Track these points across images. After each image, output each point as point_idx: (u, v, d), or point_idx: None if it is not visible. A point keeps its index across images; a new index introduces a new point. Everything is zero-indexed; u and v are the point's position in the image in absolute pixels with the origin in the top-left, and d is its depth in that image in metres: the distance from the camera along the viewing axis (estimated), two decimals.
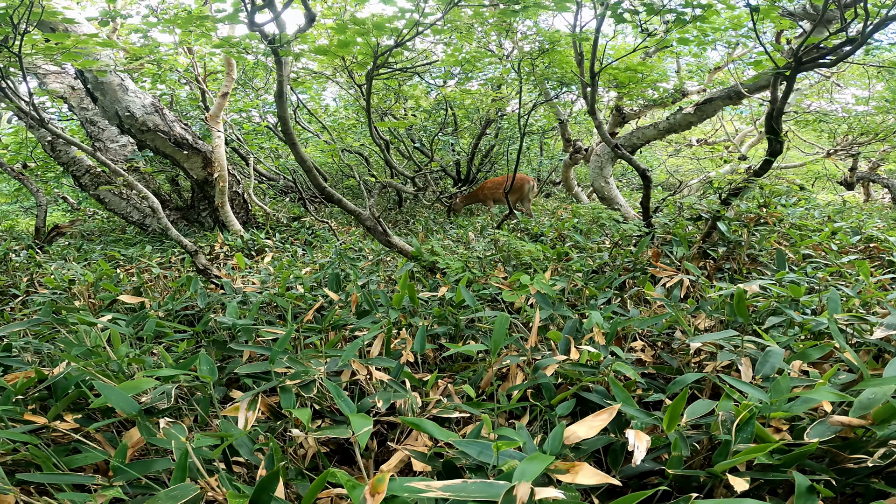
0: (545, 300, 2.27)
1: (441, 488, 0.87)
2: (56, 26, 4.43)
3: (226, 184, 5.80)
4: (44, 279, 3.57)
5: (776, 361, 1.55)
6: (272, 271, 3.86)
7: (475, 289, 3.05)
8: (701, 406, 1.28)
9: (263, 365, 1.67)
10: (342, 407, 1.35)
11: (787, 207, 5.44)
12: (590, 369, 1.65)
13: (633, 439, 1.20)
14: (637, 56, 4.08)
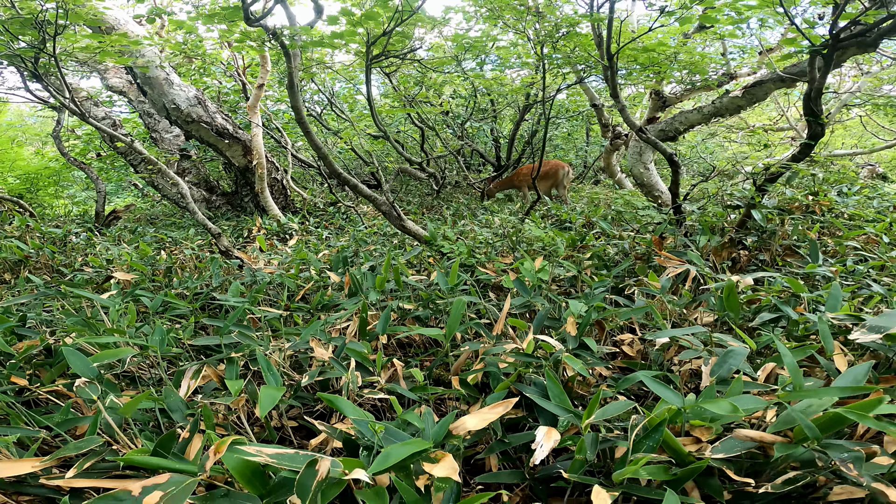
0: (523, 287, 2.24)
1: (270, 455, 0.91)
2: (102, 25, 4.79)
3: (264, 171, 6.07)
4: (89, 258, 3.91)
5: (735, 363, 1.45)
6: (290, 254, 4.03)
7: (477, 274, 3.04)
8: (614, 407, 1.22)
9: (215, 339, 1.77)
10: (268, 379, 1.42)
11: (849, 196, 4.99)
12: (534, 359, 1.62)
13: (539, 437, 1.18)
14: (655, 36, 3.84)
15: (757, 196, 3.71)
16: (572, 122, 9.14)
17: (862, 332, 1.33)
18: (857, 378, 1.17)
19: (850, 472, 0.91)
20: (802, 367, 1.79)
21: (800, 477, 0.97)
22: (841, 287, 2.45)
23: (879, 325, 1.31)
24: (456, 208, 7.12)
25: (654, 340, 1.86)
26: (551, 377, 1.43)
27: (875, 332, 1.30)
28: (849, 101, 6.12)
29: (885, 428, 0.94)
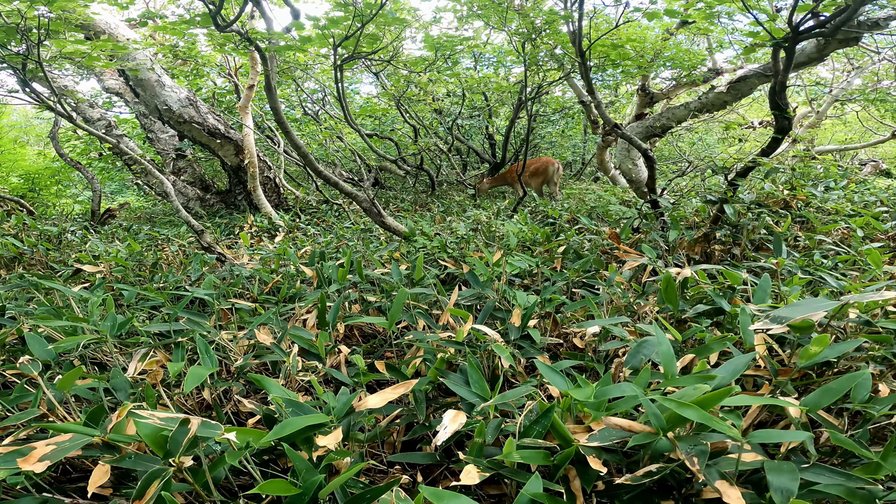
0: (475, 279, 2.31)
1: (161, 419, 1.00)
2: (94, 29, 4.92)
3: (256, 169, 6.18)
4: (79, 255, 4.04)
5: (647, 353, 1.50)
6: (271, 249, 4.12)
7: (447, 269, 3.11)
8: (512, 393, 1.29)
9: (166, 325, 1.86)
10: (204, 361, 1.51)
11: (835, 190, 5.00)
12: (463, 347, 1.69)
13: (446, 420, 1.25)
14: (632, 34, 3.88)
15: (728, 190, 3.75)
16: (567, 119, 9.17)
17: (763, 323, 1.37)
18: (737, 369, 1.21)
19: (693, 465, 0.94)
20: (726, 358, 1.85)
21: (661, 469, 1.01)
22: (800, 280, 2.49)
23: (782, 316, 1.35)
24: (447, 206, 7.20)
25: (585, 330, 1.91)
26: (472, 364, 1.49)
27: (777, 323, 1.34)
28: (839, 96, 6.10)
29: (709, 421, 0.95)
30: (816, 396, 1.07)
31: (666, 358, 1.24)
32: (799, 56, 4.80)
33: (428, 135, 7.37)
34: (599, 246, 3.43)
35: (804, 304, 1.43)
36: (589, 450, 1.06)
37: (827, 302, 1.41)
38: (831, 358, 1.23)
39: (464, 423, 1.25)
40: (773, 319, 1.35)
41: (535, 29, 3.88)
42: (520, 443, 1.12)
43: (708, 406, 0.99)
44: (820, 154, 6.12)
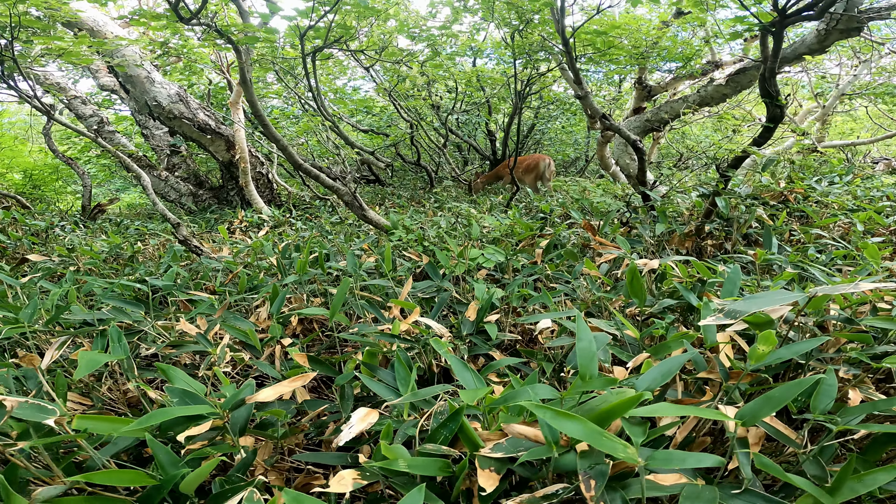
0: (434, 272, 2.19)
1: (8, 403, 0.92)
2: (82, 26, 4.89)
3: (247, 165, 6.12)
4: (55, 248, 4.00)
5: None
6: (249, 243, 4.05)
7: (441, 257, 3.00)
8: (426, 391, 1.17)
9: (90, 314, 1.77)
10: (114, 349, 1.42)
11: (840, 185, 4.81)
12: (401, 340, 1.57)
13: (354, 418, 1.14)
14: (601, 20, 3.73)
15: (720, 183, 3.60)
16: (567, 115, 9.01)
17: (716, 318, 1.23)
18: (669, 371, 1.08)
19: (589, 490, 0.81)
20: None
21: (566, 490, 0.89)
22: (788, 275, 2.34)
23: (737, 310, 1.21)
24: (442, 202, 7.08)
25: (535, 324, 1.79)
26: (399, 360, 1.38)
27: (730, 317, 1.20)
28: (846, 90, 5.87)
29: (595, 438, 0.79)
30: (756, 406, 0.93)
31: (584, 357, 1.11)
32: (799, 47, 4.61)
33: (418, 129, 7.26)
34: (583, 240, 3.30)
35: (766, 296, 1.29)
36: (489, 461, 0.93)
37: (791, 294, 1.27)
38: (786, 358, 1.09)
39: (374, 422, 1.14)
40: (727, 314, 1.21)
41: (521, 18, 3.76)
42: (422, 448, 1.00)
43: (612, 417, 0.86)
44: (826, 149, 5.89)
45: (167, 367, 1.30)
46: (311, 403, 1.61)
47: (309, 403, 1.61)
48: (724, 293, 1.64)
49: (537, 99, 7.66)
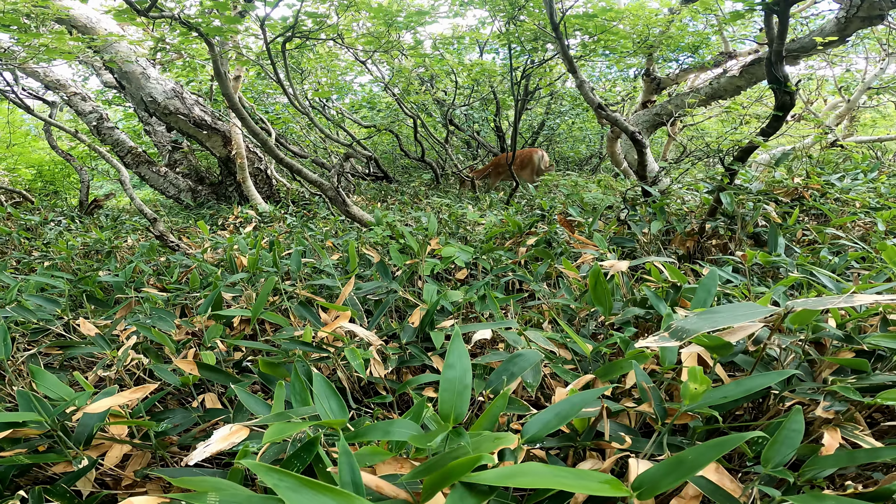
0: (384, 272, 1.99)
1: None
2: (75, 23, 4.84)
3: (244, 160, 6.02)
4: (36, 243, 3.93)
5: (518, 370, 1.15)
6: (226, 238, 3.91)
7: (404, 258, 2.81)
8: (302, 409, 0.97)
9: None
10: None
11: (864, 182, 4.45)
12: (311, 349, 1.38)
13: (216, 435, 0.96)
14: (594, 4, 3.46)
15: (725, 178, 3.31)
16: (577, 110, 8.69)
17: (660, 338, 0.99)
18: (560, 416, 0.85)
19: None
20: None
21: None
22: (789, 279, 2.07)
23: (686, 328, 0.97)
24: (444, 198, 6.87)
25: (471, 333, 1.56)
26: (296, 372, 1.18)
27: (675, 338, 0.96)
28: (871, 84, 5.45)
29: None
30: (658, 473, 0.70)
31: (448, 392, 0.88)
32: (818, 36, 4.26)
33: (421, 124, 7.05)
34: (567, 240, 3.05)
35: (727, 310, 1.04)
36: None
37: (758, 309, 1.02)
38: (737, 397, 0.85)
39: (239, 441, 0.95)
40: (672, 333, 0.97)
41: (513, 5, 3.52)
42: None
43: (443, 483, 0.64)
44: (852, 144, 5.48)
45: (34, 367, 1.15)
46: (214, 412, 1.44)
47: (212, 412, 1.45)
48: (696, 302, 1.40)
49: (546, 91, 7.38)
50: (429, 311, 1.71)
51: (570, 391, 1.09)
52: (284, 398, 1.20)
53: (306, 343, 1.39)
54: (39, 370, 1.20)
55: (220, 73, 3.42)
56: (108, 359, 1.54)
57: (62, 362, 1.89)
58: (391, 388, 1.58)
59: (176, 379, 1.42)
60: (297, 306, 1.73)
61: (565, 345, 1.49)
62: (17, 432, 1.11)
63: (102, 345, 1.50)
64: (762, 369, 1.42)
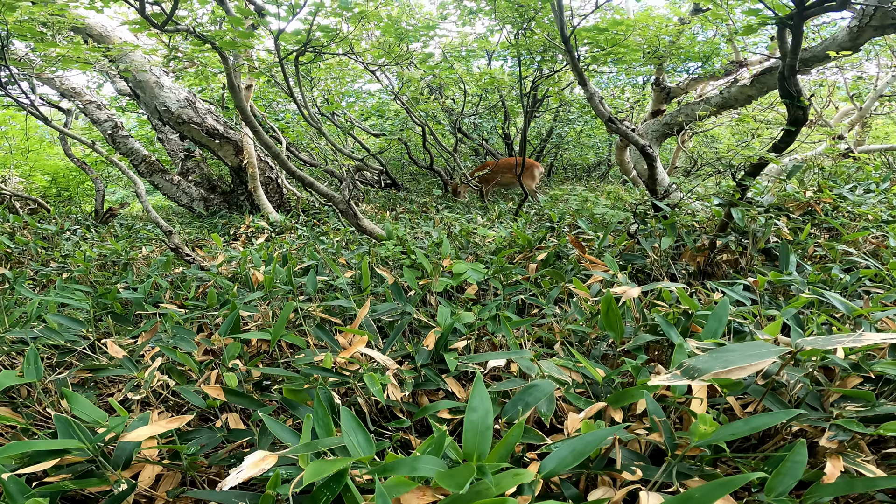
0: (399, 293, 2.03)
1: None
2: (91, 32, 4.94)
3: (255, 170, 6.10)
4: (54, 254, 4.01)
5: (532, 400, 1.19)
6: (240, 251, 3.96)
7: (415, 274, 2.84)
8: (327, 441, 1.01)
9: (25, 332, 1.68)
10: (27, 372, 1.33)
11: (876, 193, 4.44)
12: (329, 374, 1.42)
13: (246, 462, 1.00)
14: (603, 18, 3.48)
15: (736, 192, 3.31)
16: (586, 118, 8.70)
17: (671, 375, 1.01)
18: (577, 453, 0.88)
19: None
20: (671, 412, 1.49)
21: None
22: (800, 301, 2.09)
23: (697, 368, 0.99)
24: (453, 208, 6.91)
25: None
26: (318, 399, 1.22)
27: (687, 377, 0.99)
28: (884, 91, 5.42)
29: None
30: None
31: (472, 432, 0.92)
32: (830, 45, 4.26)
33: (430, 132, 7.10)
34: (577, 256, 3.07)
35: (739, 349, 1.07)
36: None
37: (767, 349, 1.04)
38: (743, 434, 0.88)
39: (269, 467, 0.99)
40: (684, 372, 1.00)
41: (523, 16, 3.56)
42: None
43: None
44: (863, 153, 5.46)
45: (69, 392, 1.20)
46: (238, 433, 1.49)
47: (236, 433, 1.49)
48: (707, 332, 1.42)
49: (556, 101, 7.41)
50: (443, 334, 1.74)
51: (584, 424, 1.12)
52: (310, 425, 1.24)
53: (326, 369, 1.43)
54: (73, 394, 1.26)
55: (233, 85, 3.48)
56: (135, 380, 1.59)
57: (91, 383, 1.94)
58: (408, 411, 1.62)
59: (201, 401, 1.47)
60: (315, 328, 1.77)
61: (577, 370, 1.52)
62: (61, 459, 1.16)
63: (130, 367, 1.55)
64: (771, 397, 1.44)
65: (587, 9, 3.99)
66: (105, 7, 3.96)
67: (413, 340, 2.18)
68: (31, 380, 1.30)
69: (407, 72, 5.15)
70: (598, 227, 4.08)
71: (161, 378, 1.59)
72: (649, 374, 1.55)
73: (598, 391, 1.55)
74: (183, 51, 5.51)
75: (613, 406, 1.29)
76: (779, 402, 1.34)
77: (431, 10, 6.40)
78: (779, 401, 1.35)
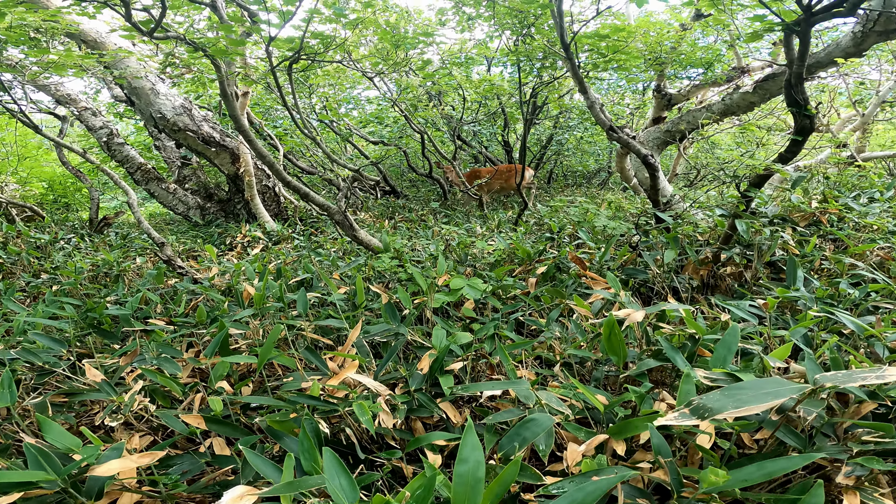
0: (393, 314, 1.95)
1: None
2: (84, 38, 4.88)
3: (252, 178, 6.03)
4: (45, 265, 3.94)
5: (530, 435, 1.11)
6: (234, 263, 3.89)
7: (410, 289, 2.77)
8: (308, 481, 0.94)
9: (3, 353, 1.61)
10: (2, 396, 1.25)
11: (881, 202, 4.37)
12: (317, 402, 1.34)
13: (225, 498, 0.93)
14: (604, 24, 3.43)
15: (741, 203, 3.24)
16: (586, 125, 8.65)
17: (680, 414, 0.93)
18: (594, 493, 0.80)
19: None
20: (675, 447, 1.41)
21: None
22: (810, 320, 2.01)
23: (708, 407, 0.91)
24: (451, 217, 6.83)
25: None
26: (304, 431, 1.15)
27: (697, 416, 0.91)
28: (886, 97, 5.36)
29: None
30: None
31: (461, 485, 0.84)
32: (834, 50, 4.20)
33: (428, 140, 7.04)
34: (577, 270, 2.99)
35: (753, 387, 0.99)
36: None
37: (784, 386, 0.97)
38: (756, 481, 0.81)
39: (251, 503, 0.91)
40: (694, 410, 0.92)
41: (522, 23, 3.50)
42: None
43: None
44: (866, 161, 5.39)
45: (42, 417, 1.14)
46: (223, 460, 1.41)
47: (221, 459, 1.42)
48: (716, 360, 1.34)
49: (556, 108, 7.36)
50: (438, 357, 1.66)
51: (585, 463, 1.04)
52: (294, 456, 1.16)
53: (314, 397, 1.36)
54: (46, 420, 1.20)
55: (226, 93, 3.42)
56: (114, 404, 1.51)
57: (74, 403, 1.87)
58: (401, 439, 1.54)
59: (183, 427, 1.39)
60: (305, 351, 1.69)
61: (578, 399, 1.44)
62: (27, 493, 1.09)
63: (109, 391, 1.48)
64: (784, 428, 1.37)
65: (587, 14, 3.94)
66: (97, 13, 3.91)
67: (408, 357, 2.10)
68: (5, 404, 1.23)
69: (405, 79, 5.10)
70: (598, 239, 4.00)
71: (142, 401, 1.51)
72: (653, 401, 1.47)
73: (598, 417, 1.47)
74: (180, 57, 5.47)
75: (616, 438, 1.22)
76: (792, 433, 1.26)
77: (430, 17, 6.35)
78: (792, 432, 1.27)
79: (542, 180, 10.46)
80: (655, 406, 1.36)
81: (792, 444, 1.19)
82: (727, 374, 1.23)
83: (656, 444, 1.10)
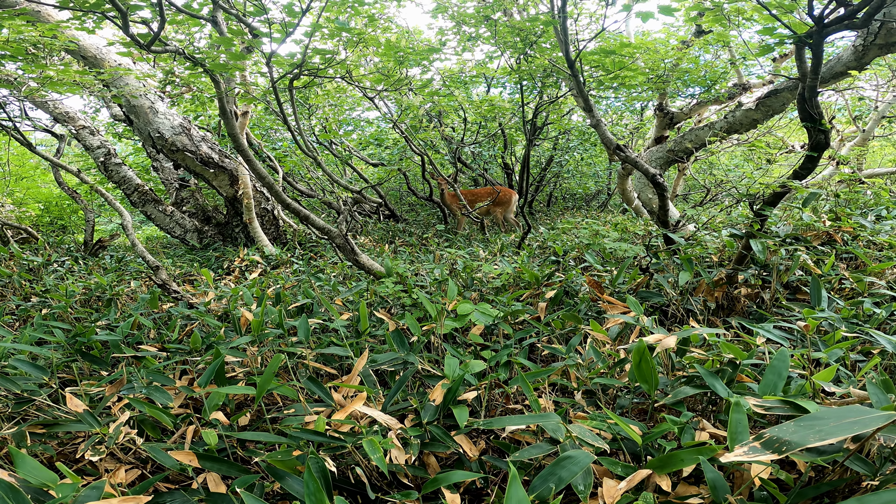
0: (400, 341, 1.83)
1: None
2: (84, 54, 4.85)
3: (251, 200, 5.94)
4: (36, 287, 3.80)
5: (568, 476, 0.99)
6: (231, 288, 3.76)
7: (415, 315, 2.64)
8: None
9: None
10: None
11: (889, 219, 4.29)
12: (316, 437, 1.20)
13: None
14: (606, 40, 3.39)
15: (755, 223, 3.15)
16: (586, 146, 8.64)
17: (750, 448, 0.81)
18: None
19: None
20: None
21: None
22: (841, 343, 1.90)
23: (786, 440, 0.80)
24: (453, 241, 6.72)
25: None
26: (309, 470, 1.01)
27: (773, 451, 0.79)
28: (885, 113, 5.35)
29: None
30: None
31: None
32: (835, 65, 4.18)
33: (429, 162, 6.99)
34: (591, 293, 2.87)
35: (833, 416, 0.87)
36: None
37: (867, 413, 0.85)
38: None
39: None
40: (766, 444, 0.80)
41: (525, 41, 3.46)
42: None
43: None
44: (868, 178, 5.34)
45: (15, 451, 1.01)
46: (218, 498, 1.27)
47: (215, 497, 1.28)
48: (765, 386, 1.22)
49: (555, 129, 7.35)
50: (451, 388, 1.54)
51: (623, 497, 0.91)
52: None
53: (319, 433, 1.23)
54: (19, 454, 1.07)
55: (225, 111, 3.34)
56: (97, 436, 1.38)
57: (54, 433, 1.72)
58: (415, 477, 1.40)
59: (174, 461, 1.25)
60: (307, 381, 1.56)
61: (610, 431, 1.31)
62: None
63: (91, 422, 1.34)
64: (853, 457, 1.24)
65: (584, 34, 3.92)
66: (97, 28, 3.87)
67: (417, 386, 1.97)
68: None
69: (406, 98, 5.06)
70: (607, 261, 3.89)
71: (129, 433, 1.37)
72: (693, 431, 1.35)
73: (632, 449, 1.34)
74: (180, 75, 5.44)
75: (659, 472, 1.09)
76: (860, 460, 1.13)
77: (430, 37, 6.36)
78: (860, 459, 1.14)
79: (541, 203, 10.41)
80: (697, 436, 1.23)
81: (861, 471, 1.06)
82: (784, 401, 1.11)
83: (711, 479, 0.98)
